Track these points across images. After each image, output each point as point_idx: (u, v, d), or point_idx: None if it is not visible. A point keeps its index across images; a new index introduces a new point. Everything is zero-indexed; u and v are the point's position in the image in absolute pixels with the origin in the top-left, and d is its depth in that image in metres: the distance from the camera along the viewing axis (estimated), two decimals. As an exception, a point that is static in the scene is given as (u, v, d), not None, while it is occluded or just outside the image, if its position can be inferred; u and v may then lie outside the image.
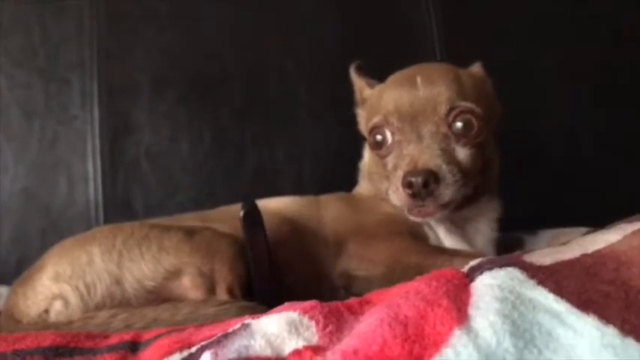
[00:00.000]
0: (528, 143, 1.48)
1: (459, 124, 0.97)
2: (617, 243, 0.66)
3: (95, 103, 1.57)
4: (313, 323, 0.56)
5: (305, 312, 0.58)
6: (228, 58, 1.60)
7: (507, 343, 0.48)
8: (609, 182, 1.54)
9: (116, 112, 1.58)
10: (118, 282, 0.90)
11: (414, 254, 0.98)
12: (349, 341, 0.51)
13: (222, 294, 0.90)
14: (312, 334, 0.55)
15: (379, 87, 1.10)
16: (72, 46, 1.56)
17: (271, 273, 0.93)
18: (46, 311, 0.89)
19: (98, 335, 0.74)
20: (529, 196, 1.39)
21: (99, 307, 0.88)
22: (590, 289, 0.55)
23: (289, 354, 0.52)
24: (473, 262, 0.68)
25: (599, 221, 0.82)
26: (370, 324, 0.52)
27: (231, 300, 0.88)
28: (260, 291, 0.92)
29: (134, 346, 0.68)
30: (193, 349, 0.58)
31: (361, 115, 1.17)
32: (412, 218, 0.99)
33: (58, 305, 0.89)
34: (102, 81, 1.57)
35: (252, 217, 0.92)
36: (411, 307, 0.54)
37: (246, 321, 0.60)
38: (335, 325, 0.56)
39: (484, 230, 1.08)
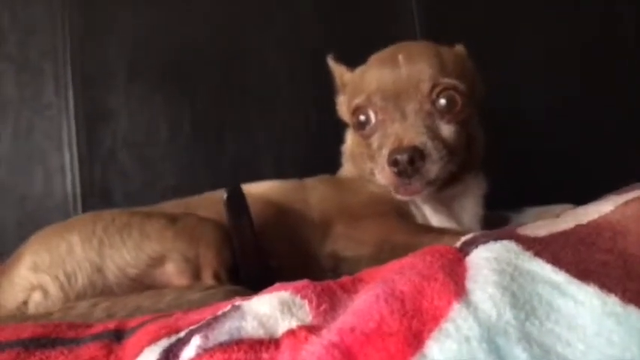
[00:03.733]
0: (512, 122, 1.47)
1: (442, 101, 0.97)
2: (610, 213, 0.65)
3: (70, 91, 1.51)
4: (306, 302, 0.54)
5: (297, 291, 0.56)
6: (205, 43, 1.55)
7: (508, 315, 0.47)
8: (594, 161, 1.53)
9: (91, 100, 1.53)
10: (99, 270, 0.87)
11: (401, 233, 0.97)
12: (345, 319, 0.49)
13: (208, 279, 0.88)
14: (305, 313, 0.53)
15: (360, 68, 1.09)
16: (43, 32, 1.50)
17: (258, 257, 0.90)
18: (25, 303, 0.87)
19: (80, 325, 0.71)
20: (512, 175, 1.38)
21: (80, 297, 0.85)
22: (588, 258, 0.54)
23: (283, 334, 0.50)
24: (465, 237, 0.67)
25: (583, 201, 0.80)
26: (366, 301, 0.50)
27: (217, 285, 0.86)
28: (247, 275, 0.89)
29: (119, 335, 0.66)
30: (182, 334, 0.56)
31: (342, 100, 1.15)
32: (399, 197, 0.98)
33: (37, 296, 0.86)
34: (76, 68, 1.51)
35: (236, 199, 0.90)
36: (407, 282, 0.52)
37: (237, 303, 0.58)
38: (329, 304, 0.54)
39: (470, 207, 1.08)
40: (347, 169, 1.17)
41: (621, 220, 0.62)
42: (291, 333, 0.49)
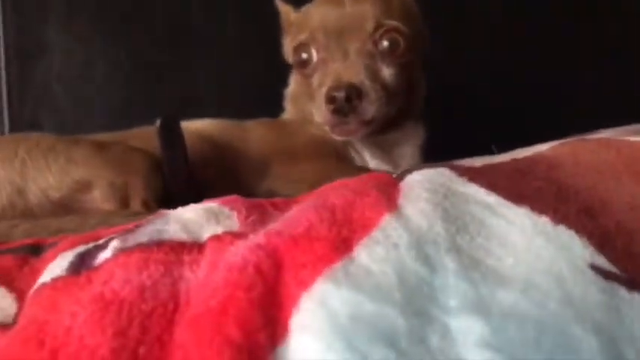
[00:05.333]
0: (457, 78, 1.46)
1: (385, 43, 0.97)
2: (545, 151, 0.66)
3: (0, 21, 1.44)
4: (235, 213, 0.53)
5: (226, 203, 0.54)
6: (149, -23, 1.50)
7: (439, 227, 0.46)
8: (538, 120, 1.53)
9: (24, 32, 1.45)
10: (20, 192, 0.83)
11: (339, 174, 0.94)
12: (273, 225, 0.47)
13: (136, 207, 0.85)
14: (233, 222, 0.51)
15: (306, 7, 1.08)
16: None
17: (189, 188, 0.88)
18: (-62, 224, 0.81)
19: (-4, 242, 0.68)
20: (455, 130, 1.38)
21: (-2, 218, 0.81)
22: (522, 184, 0.54)
23: (208, 238, 0.48)
24: (401, 169, 0.66)
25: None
26: (296, 211, 0.49)
27: (145, 211, 0.83)
28: (177, 206, 0.86)
29: (37, 249, 0.62)
30: (101, 241, 0.53)
31: (287, 41, 1.13)
32: (335, 136, 0.98)
33: (-49, 216, 0.81)
34: (7, -3, 1.44)
35: (170, 128, 0.87)
36: (339, 196, 0.51)
37: (163, 211, 0.55)
38: (258, 217, 0.52)
39: (409, 155, 1.08)
40: (289, 112, 1.16)
41: (557, 155, 0.62)
42: (216, 237, 0.47)
